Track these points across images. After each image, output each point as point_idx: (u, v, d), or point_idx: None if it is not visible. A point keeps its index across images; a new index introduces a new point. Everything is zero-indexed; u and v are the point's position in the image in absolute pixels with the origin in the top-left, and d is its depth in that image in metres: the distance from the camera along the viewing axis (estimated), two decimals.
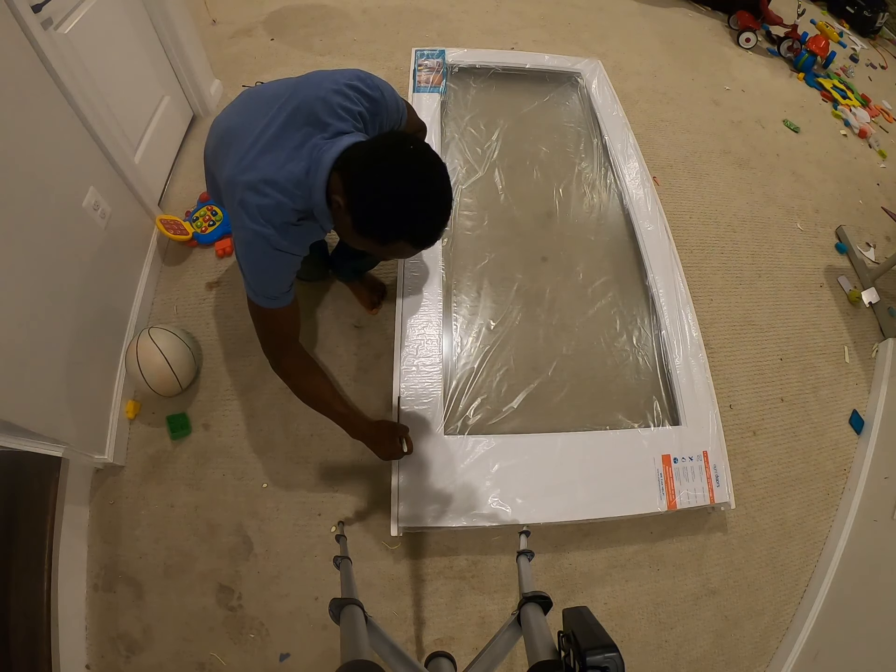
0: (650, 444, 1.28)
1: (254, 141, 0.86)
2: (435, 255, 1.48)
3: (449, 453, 1.21)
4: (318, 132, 0.85)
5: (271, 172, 0.83)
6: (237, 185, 0.84)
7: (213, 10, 2.37)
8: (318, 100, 0.86)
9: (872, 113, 2.84)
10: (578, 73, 2.12)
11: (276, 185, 0.83)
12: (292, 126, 0.86)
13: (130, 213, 1.46)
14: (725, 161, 2.25)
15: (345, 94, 0.88)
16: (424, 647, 1.16)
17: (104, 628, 1.12)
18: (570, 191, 1.79)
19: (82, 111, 1.20)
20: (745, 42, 2.97)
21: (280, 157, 0.84)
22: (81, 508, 1.21)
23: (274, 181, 0.83)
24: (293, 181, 0.83)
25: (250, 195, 0.83)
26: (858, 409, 1.66)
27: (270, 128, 0.86)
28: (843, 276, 1.99)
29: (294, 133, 0.85)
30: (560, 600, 1.23)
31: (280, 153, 0.84)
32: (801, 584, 1.37)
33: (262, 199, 0.83)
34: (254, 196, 0.83)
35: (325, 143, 0.84)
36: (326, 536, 1.23)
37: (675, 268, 1.58)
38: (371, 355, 1.47)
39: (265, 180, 0.83)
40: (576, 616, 0.50)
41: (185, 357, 1.30)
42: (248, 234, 0.84)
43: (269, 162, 0.84)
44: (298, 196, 0.84)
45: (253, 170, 0.84)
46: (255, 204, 0.83)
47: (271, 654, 1.12)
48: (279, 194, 0.83)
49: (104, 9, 1.33)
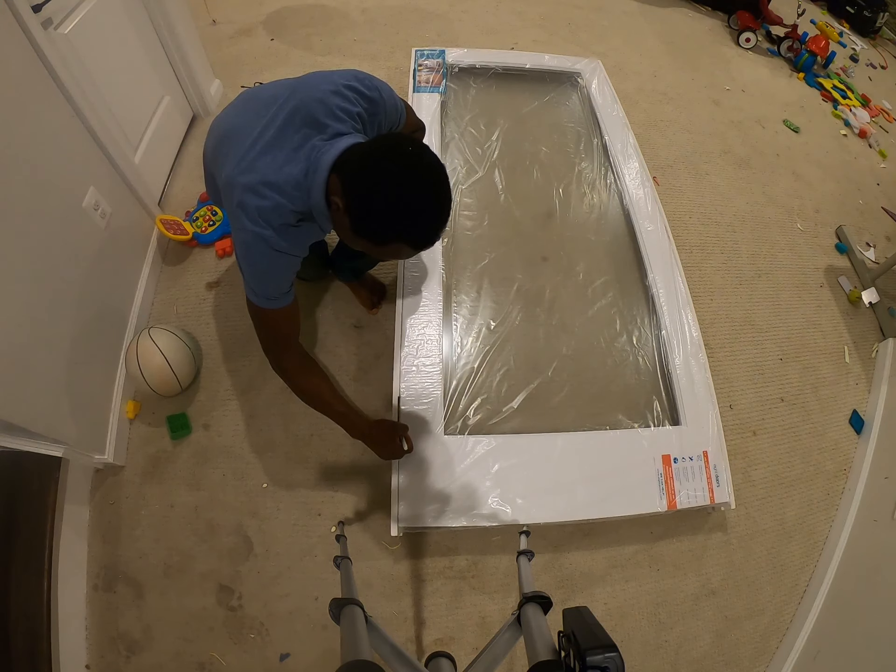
0: (650, 444, 1.28)
1: (252, 142, 0.86)
2: (435, 255, 1.48)
3: (449, 453, 1.21)
4: (316, 134, 0.85)
5: (270, 174, 0.83)
6: (236, 187, 0.85)
7: (213, 10, 2.37)
8: (316, 101, 0.86)
9: (872, 113, 2.84)
10: (578, 73, 2.12)
11: (274, 187, 0.83)
12: (291, 127, 0.86)
13: (130, 213, 1.46)
14: (725, 161, 2.25)
15: (343, 95, 0.88)
16: (424, 647, 1.16)
17: (104, 628, 1.12)
18: (570, 191, 1.79)
19: (82, 111, 1.20)
20: (745, 42, 2.97)
21: (279, 158, 0.84)
22: (81, 508, 1.21)
23: (272, 183, 0.83)
24: (292, 183, 0.83)
25: (249, 197, 0.83)
26: (858, 409, 1.66)
27: (269, 129, 0.86)
28: (843, 276, 1.99)
29: (293, 134, 0.85)
30: (560, 600, 1.23)
31: (279, 154, 0.84)
32: (801, 584, 1.37)
33: (260, 201, 0.83)
34: (252, 198, 0.83)
35: (324, 144, 0.84)
36: (326, 536, 1.23)
37: (675, 268, 1.59)
38: (371, 355, 1.47)
39: (264, 182, 0.83)
40: (576, 616, 0.50)
41: (185, 357, 1.30)
42: (248, 235, 0.84)
43: (267, 164, 0.84)
44: (297, 198, 0.84)
45: (252, 171, 0.84)
46: (254, 206, 0.83)
47: (271, 654, 1.12)
48: (278, 196, 0.83)
49: (104, 9, 1.33)
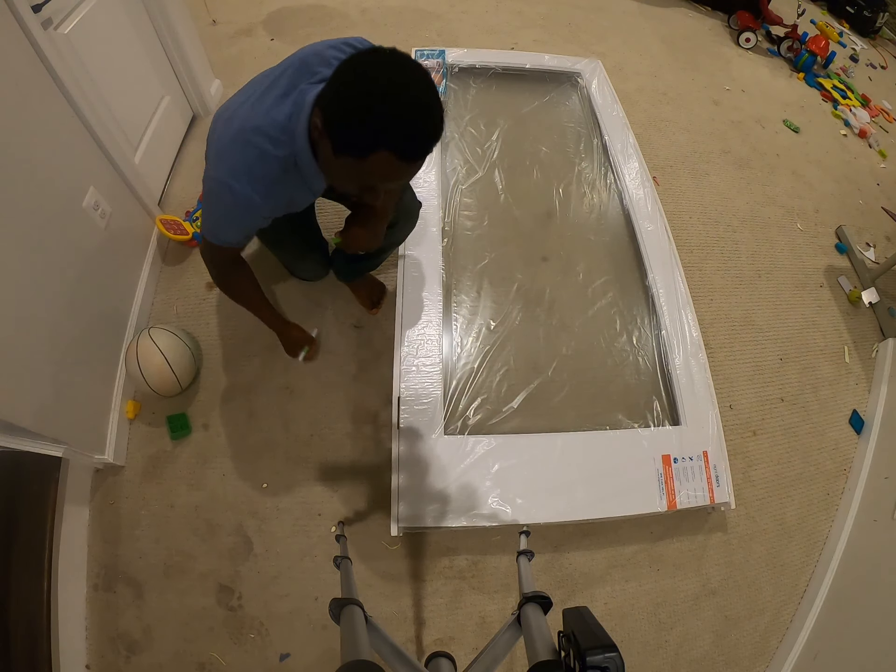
0: (650, 444, 1.28)
1: (246, 99, 0.86)
2: (435, 255, 1.48)
3: (449, 453, 1.21)
4: (306, 80, 0.83)
5: (257, 119, 0.82)
6: (223, 137, 0.83)
7: (213, 10, 2.37)
8: (313, 54, 0.85)
9: (872, 113, 2.84)
10: (578, 73, 2.12)
11: (260, 131, 0.81)
12: (283, 78, 0.85)
13: (130, 213, 1.46)
14: (725, 161, 2.25)
15: (340, 48, 0.87)
16: (424, 647, 1.16)
17: (104, 628, 1.12)
18: (570, 191, 1.79)
19: (82, 111, 1.20)
20: (745, 42, 2.97)
21: (266, 104, 0.83)
22: (81, 508, 1.21)
23: (258, 126, 0.81)
24: (277, 127, 0.81)
25: (232, 144, 0.82)
26: (858, 409, 1.66)
27: (263, 86, 0.86)
28: (843, 276, 1.99)
29: (283, 84, 0.84)
30: (560, 600, 1.23)
31: (267, 101, 0.83)
32: (801, 584, 1.37)
33: (245, 152, 0.81)
34: (235, 144, 0.81)
35: (310, 87, 0.82)
36: (326, 536, 1.23)
37: (675, 268, 1.59)
38: (371, 355, 1.47)
39: (251, 127, 0.81)
40: (576, 616, 0.50)
41: (185, 357, 1.30)
42: (214, 184, 0.83)
43: (255, 110, 0.83)
44: (282, 143, 0.82)
45: (237, 118, 0.83)
46: (237, 153, 0.81)
47: (271, 654, 1.12)
48: (263, 141, 0.81)
49: (104, 9, 1.33)
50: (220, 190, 0.83)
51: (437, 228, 1.54)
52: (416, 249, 1.49)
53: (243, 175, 0.82)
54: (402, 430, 1.23)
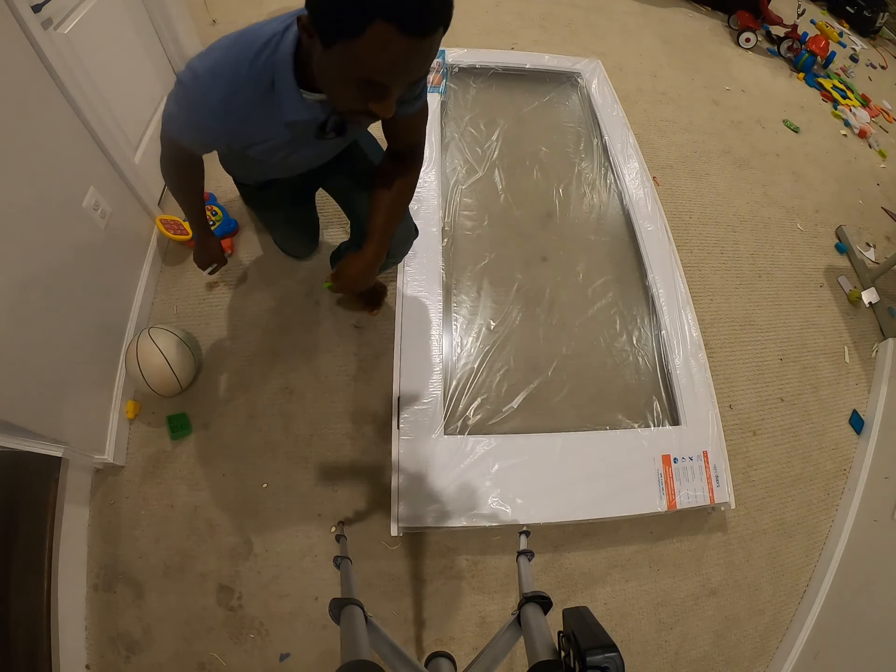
0: (650, 444, 1.28)
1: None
2: (435, 255, 1.48)
3: (449, 453, 1.21)
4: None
5: (245, 30, 0.78)
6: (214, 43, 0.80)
7: (213, 10, 2.36)
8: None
9: (872, 113, 2.84)
10: (578, 73, 2.12)
11: (243, 36, 0.77)
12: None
13: (130, 213, 1.46)
14: (725, 161, 2.25)
15: None
16: (424, 647, 1.16)
17: (104, 628, 1.12)
18: (570, 191, 1.79)
19: (82, 111, 1.20)
20: (745, 42, 2.97)
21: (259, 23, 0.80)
22: (81, 508, 1.21)
23: (246, 32, 0.78)
24: (265, 35, 0.77)
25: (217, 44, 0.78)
26: (858, 409, 1.66)
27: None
28: (843, 276, 1.99)
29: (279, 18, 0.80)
30: (560, 600, 1.23)
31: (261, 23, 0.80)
32: (801, 584, 1.37)
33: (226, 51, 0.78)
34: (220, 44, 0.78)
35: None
36: (326, 536, 1.23)
37: (675, 268, 1.59)
38: (371, 355, 1.47)
39: (235, 35, 0.78)
40: (576, 616, 0.50)
41: (185, 357, 1.30)
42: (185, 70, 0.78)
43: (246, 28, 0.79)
44: (264, 54, 0.77)
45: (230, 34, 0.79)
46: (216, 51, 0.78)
47: (271, 654, 1.12)
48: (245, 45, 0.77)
49: (104, 9, 1.33)
50: (184, 76, 0.78)
51: (437, 228, 1.54)
52: (415, 249, 1.48)
53: (209, 69, 0.77)
54: (402, 429, 1.23)
